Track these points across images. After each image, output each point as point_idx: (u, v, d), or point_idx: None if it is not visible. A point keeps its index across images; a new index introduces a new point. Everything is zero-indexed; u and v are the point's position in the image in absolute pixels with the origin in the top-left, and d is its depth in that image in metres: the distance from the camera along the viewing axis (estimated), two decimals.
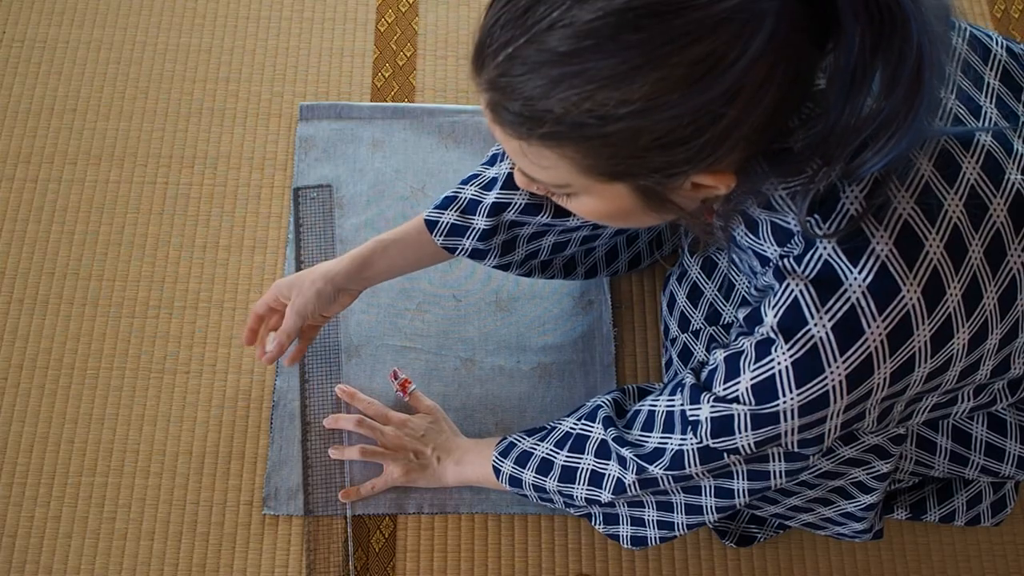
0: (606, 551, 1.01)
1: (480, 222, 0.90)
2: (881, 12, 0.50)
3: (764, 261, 0.67)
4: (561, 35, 0.51)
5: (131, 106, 1.21)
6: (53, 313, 1.09)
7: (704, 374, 0.72)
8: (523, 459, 0.90)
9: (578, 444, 0.86)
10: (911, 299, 0.59)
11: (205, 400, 1.06)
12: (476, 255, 0.93)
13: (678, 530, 0.85)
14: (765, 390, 0.65)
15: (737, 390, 0.67)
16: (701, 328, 0.97)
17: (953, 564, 1.02)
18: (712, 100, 0.51)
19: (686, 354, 0.97)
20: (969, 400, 0.74)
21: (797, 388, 0.63)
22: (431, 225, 0.92)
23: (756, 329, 0.65)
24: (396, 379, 1.05)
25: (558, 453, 0.87)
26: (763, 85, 0.51)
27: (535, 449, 0.89)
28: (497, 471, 0.92)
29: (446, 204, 0.91)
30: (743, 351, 0.66)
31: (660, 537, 0.87)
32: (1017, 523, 1.04)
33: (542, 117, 0.54)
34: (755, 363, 0.65)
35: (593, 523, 0.92)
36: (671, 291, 1.02)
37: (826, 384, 0.62)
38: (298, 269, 1.11)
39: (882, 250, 0.59)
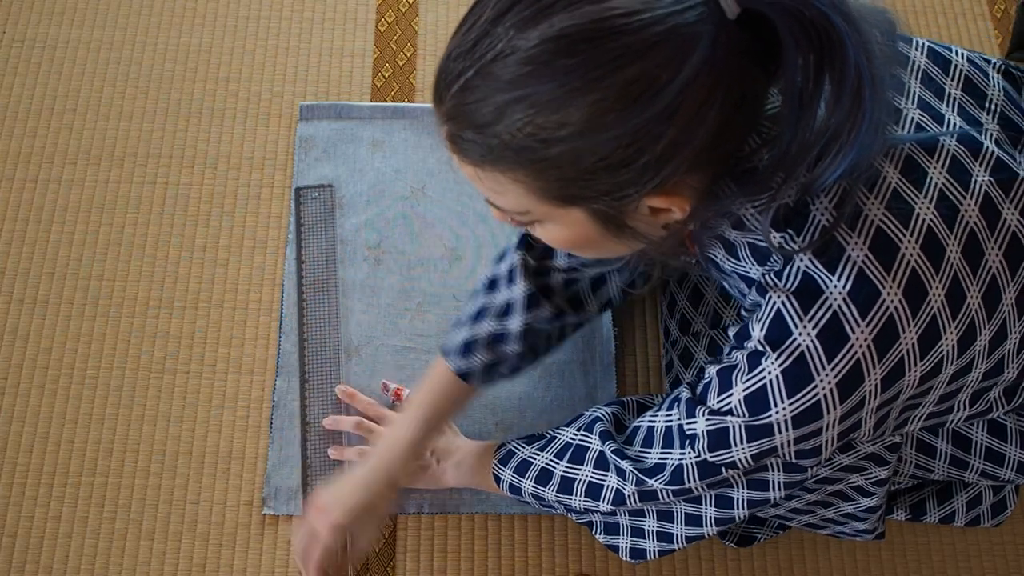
0: (606, 551, 1.01)
1: (513, 348, 0.89)
2: (820, 36, 0.51)
3: (750, 282, 0.68)
4: (504, 64, 0.53)
5: (131, 106, 1.21)
6: (53, 313, 1.09)
7: (699, 388, 0.72)
8: (522, 468, 0.90)
9: (577, 455, 0.86)
10: (892, 301, 0.60)
11: (205, 400, 1.06)
12: (514, 372, 0.92)
13: (677, 543, 0.86)
14: (757, 401, 0.65)
15: (731, 402, 0.67)
16: (702, 331, 0.97)
17: (953, 564, 1.02)
18: (649, 121, 0.52)
19: (687, 356, 0.97)
20: (965, 409, 0.74)
21: (789, 398, 0.63)
22: (466, 375, 0.90)
23: (745, 344, 0.66)
24: (387, 390, 1.05)
25: (557, 463, 0.87)
26: (702, 106, 0.52)
27: (534, 458, 0.89)
28: (497, 478, 0.92)
29: (468, 349, 0.89)
30: (736, 364, 0.67)
31: (659, 550, 0.87)
32: (1017, 523, 1.04)
33: (491, 143, 0.55)
34: (747, 375, 0.65)
35: (594, 532, 0.92)
36: (671, 293, 1.02)
37: (817, 393, 0.62)
38: (299, 269, 1.11)
39: (858, 256, 0.60)
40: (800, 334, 0.61)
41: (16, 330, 1.08)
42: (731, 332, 0.69)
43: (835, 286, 0.60)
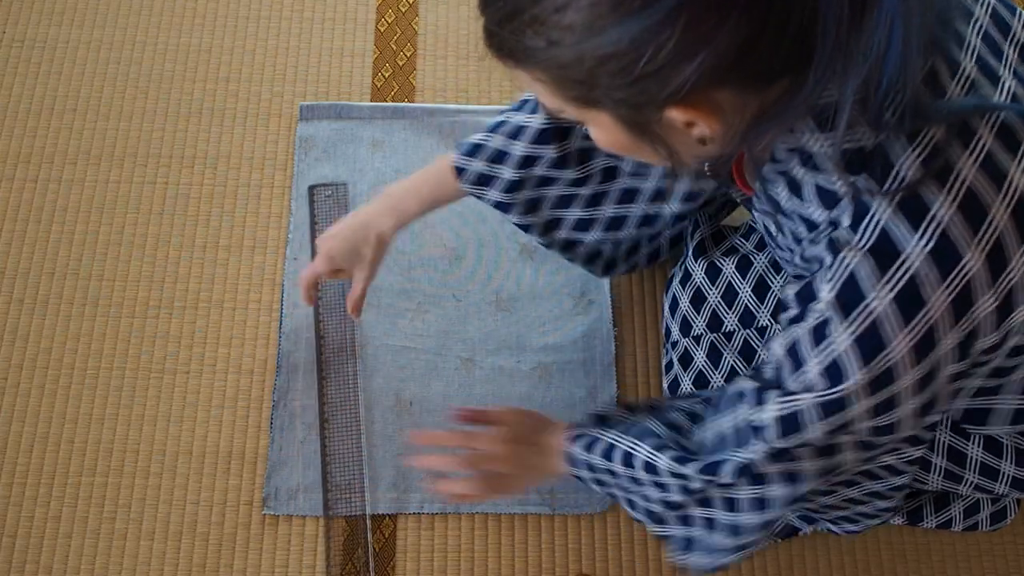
0: (606, 551, 1.01)
1: (507, 172, 0.89)
2: None
3: (811, 226, 0.65)
4: None
5: (131, 106, 1.21)
6: (53, 313, 1.09)
7: (767, 372, 0.69)
8: (602, 452, 0.86)
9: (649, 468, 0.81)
10: (974, 266, 0.57)
11: (205, 400, 1.06)
12: (500, 207, 0.93)
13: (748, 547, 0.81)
14: (831, 373, 0.62)
15: (805, 379, 0.64)
16: (703, 334, 0.96)
17: (953, 564, 1.02)
18: (646, 30, 0.50)
19: (686, 359, 0.97)
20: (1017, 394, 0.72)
21: (862, 366, 0.61)
22: (459, 172, 0.91)
23: (810, 306, 0.62)
24: (459, 415, 1.03)
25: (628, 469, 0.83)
26: (711, 20, 0.50)
27: (615, 447, 0.84)
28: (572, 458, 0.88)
29: (473, 151, 0.90)
30: (800, 337, 0.64)
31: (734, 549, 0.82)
32: (1017, 524, 1.04)
33: (510, 40, 0.55)
34: (816, 347, 0.62)
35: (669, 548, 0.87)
36: (674, 294, 1.02)
37: (891, 358, 0.59)
38: (319, 353, 1.10)
39: (944, 215, 0.57)
40: (875, 298, 0.58)
41: (16, 330, 1.08)
42: (790, 291, 0.66)
43: (916, 245, 0.57)
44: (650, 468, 0.80)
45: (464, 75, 1.24)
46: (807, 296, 0.63)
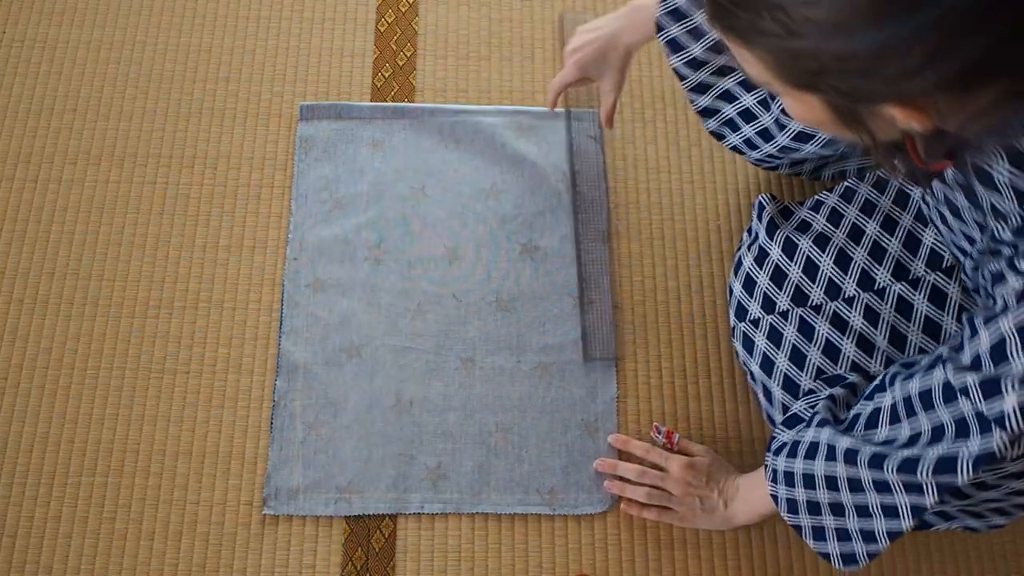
0: (606, 551, 1.01)
1: (697, 50, 0.93)
2: None
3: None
4: None
5: (131, 106, 1.21)
6: (53, 313, 1.09)
7: (967, 359, 0.68)
8: (794, 450, 0.85)
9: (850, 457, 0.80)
10: None
11: (205, 400, 1.06)
12: (678, 74, 0.98)
13: (880, 540, 0.79)
14: None
15: None
16: (789, 309, 0.96)
17: (953, 564, 1.02)
18: (896, 38, 0.49)
19: (775, 335, 0.96)
20: None
21: None
22: (658, 27, 0.96)
23: None
24: (659, 433, 1.04)
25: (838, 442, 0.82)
26: (961, 34, 0.48)
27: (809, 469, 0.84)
28: (774, 472, 0.88)
29: (678, 16, 0.94)
30: None
31: (868, 552, 0.81)
32: (1018, 523, 1.04)
33: (743, 19, 0.55)
34: None
35: (803, 536, 0.87)
36: (748, 274, 1.01)
37: None
38: (574, 186, 1.17)
39: None
40: None
41: (16, 330, 1.09)
42: (1018, 284, 0.65)
43: None
44: (876, 461, 0.77)
45: (464, 75, 1.24)
46: None
